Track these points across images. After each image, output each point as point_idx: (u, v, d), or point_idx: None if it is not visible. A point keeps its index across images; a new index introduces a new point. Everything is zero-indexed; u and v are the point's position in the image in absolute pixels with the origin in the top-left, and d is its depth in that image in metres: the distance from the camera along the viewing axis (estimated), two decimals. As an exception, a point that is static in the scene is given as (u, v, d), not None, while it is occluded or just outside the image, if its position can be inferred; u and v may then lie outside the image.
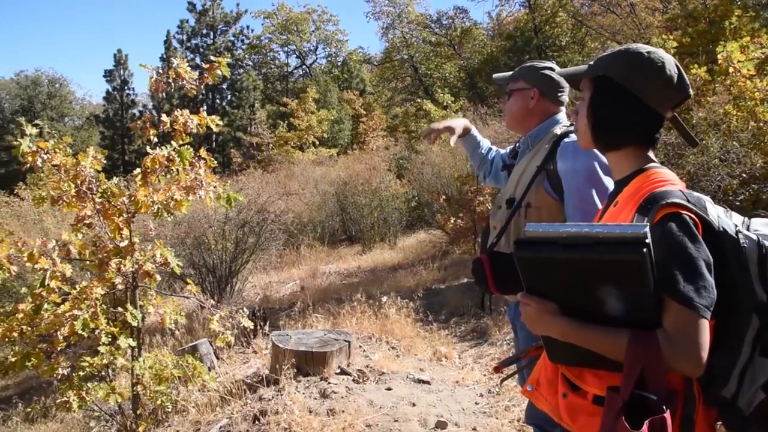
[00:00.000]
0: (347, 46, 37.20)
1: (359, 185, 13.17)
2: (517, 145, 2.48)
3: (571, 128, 2.20)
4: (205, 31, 33.26)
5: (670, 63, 1.42)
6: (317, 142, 23.47)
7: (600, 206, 1.80)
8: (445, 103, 16.56)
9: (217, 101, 32.63)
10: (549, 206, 2.12)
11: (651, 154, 1.47)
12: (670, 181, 1.38)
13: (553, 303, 1.33)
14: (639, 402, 1.20)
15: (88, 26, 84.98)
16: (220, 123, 3.91)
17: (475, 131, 2.76)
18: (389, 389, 4.26)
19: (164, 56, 32.57)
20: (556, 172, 2.11)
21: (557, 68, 2.10)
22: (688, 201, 1.29)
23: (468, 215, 9.90)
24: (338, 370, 4.48)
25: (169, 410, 4.32)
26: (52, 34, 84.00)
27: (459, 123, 2.70)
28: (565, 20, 25.08)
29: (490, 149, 2.75)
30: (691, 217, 1.26)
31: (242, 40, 34.63)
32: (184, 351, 5.04)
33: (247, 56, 35.70)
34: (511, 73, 2.40)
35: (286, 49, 37.17)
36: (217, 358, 5.40)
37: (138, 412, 4.22)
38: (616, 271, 1.23)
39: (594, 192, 1.99)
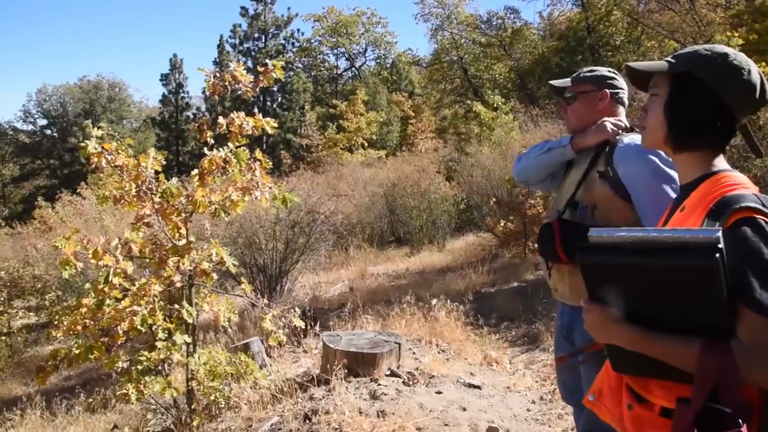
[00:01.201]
0: (396, 48, 37.34)
1: (408, 187, 13.17)
2: None
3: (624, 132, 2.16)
4: (257, 35, 33.89)
5: (755, 68, 1.37)
6: (366, 144, 23.61)
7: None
8: (495, 105, 16.39)
9: (268, 103, 33.20)
10: (616, 207, 2.08)
11: (721, 158, 1.41)
12: (742, 185, 1.32)
13: (616, 310, 1.29)
14: (711, 415, 1.14)
15: (146, 32, 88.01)
16: (275, 125, 3.96)
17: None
18: (439, 393, 4.22)
19: (217, 60, 33.38)
20: (616, 174, 2.07)
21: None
22: (764, 205, 1.23)
23: (518, 218, 9.76)
24: (388, 372, 4.48)
25: (222, 406, 4.41)
26: (113, 41, 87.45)
27: None
28: (620, 18, 24.41)
29: None
30: (766, 222, 1.20)
31: (293, 44, 35.13)
32: (236, 348, 5.13)
33: (297, 59, 36.22)
34: (569, 78, 2.39)
35: (335, 51, 37.58)
36: (268, 356, 5.48)
37: (192, 407, 4.32)
38: (686, 278, 1.18)
39: (666, 187, 1.93)
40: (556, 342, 2.50)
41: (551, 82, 2.50)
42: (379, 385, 4.26)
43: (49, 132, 43.69)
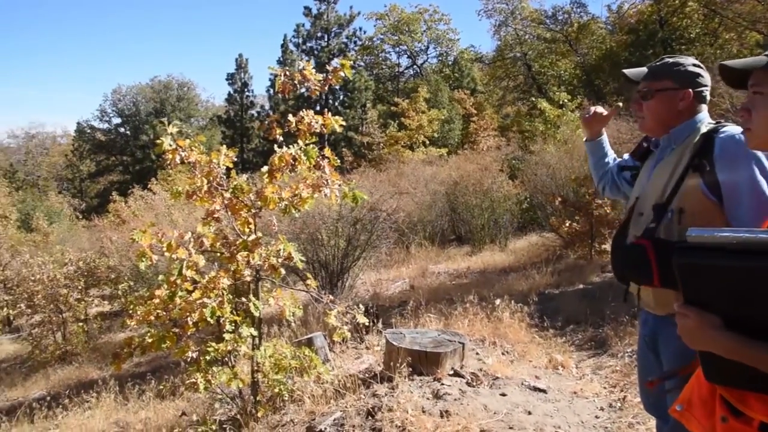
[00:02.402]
0: (458, 45, 37.07)
1: (470, 185, 13.03)
2: (646, 144, 2.29)
3: (717, 125, 2.01)
4: (319, 34, 34.40)
5: None
6: (427, 142, 23.54)
7: None
8: (560, 102, 15.98)
9: (330, 101, 33.62)
10: (706, 210, 1.91)
11: None
12: None
13: (716, 316, 1.21)
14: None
15: (213, 34, 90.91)
16: (343, 123, 3.99)
17: (605, 137, 2.57)
18: (503, 395, 4.15)
19: (281, 59, 34.08)
20: (713, 172, 1.90)
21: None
22: None
23: (585, 219, 9.49)
24: (451, 372, 4.43)
25: (286, 399, 4.48)
26: (182, 42, 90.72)
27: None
28: (696, 9, 23.27)
29: (613, 159, 2.57)
30: None
31: (355, 42, 35.49)
32: (300, 343, 5.20)
33: (359, 57, 36.51)
34: (646, 69, 2.16)
35: (397, 49, 37.66)
36: (331, 351, 5.53)
37: (257, 398, 4.42)
38: None
39: None
40: (640, 351, 2.36)
41: (625, 71, 2.24)
42: (442, 384, 4.22)
43: (122, 130, 45.82)
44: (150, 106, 44.29)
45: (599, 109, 2.52)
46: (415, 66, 38.32)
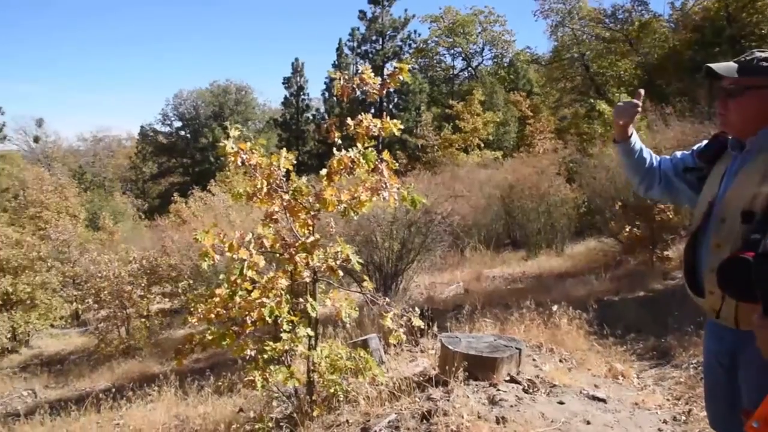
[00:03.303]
0: (514, 47, 36.61)
1: (526, 189, 12.85)
2: (718, 145, 2.16)
3: None
4: (374, 38, 34.56)
5: None
6: (482, 145, 23.33)
7: None
8: (620, 103, 15.53)
9: (385, 104, 33.76)
10: None
11: None
12: None
13: None
14: None
15: (269, 38, 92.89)
16: (401, 127, 4.00)
17: (635, 134, 2.42)
18: (561, 403, 4.06)
19: (336, 63, 34.47)
20: None
21: None
22: None
23: (646, 224, 9.20)
24: (507, 378, 4.37)
25: (341, 399, 4.51)
26: (240, 47, 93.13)
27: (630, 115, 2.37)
28: (768, 5, 22.13)
29: (652, 156, 2.41)
30: None
31: (409, 45, 35.46)
32: (355, 344, 5.23)
33: (413, 60, 36.52)
34: (734, 64, 1.99)
35: (452, 51, 37.50)
36: (385, 353, 5.54)
37: (313, 398, 4.47)
38: None
39: None
40: (709, 368, 2.22)
41: (711, 65, 2.02)
42: (498, 390, 4.17)
43: (183, 133, 47.40)
44: (209, 109, 45.66)
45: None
46: (470, 68, 38.07)
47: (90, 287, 13.43)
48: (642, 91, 2.40)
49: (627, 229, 9.28)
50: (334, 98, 34.53)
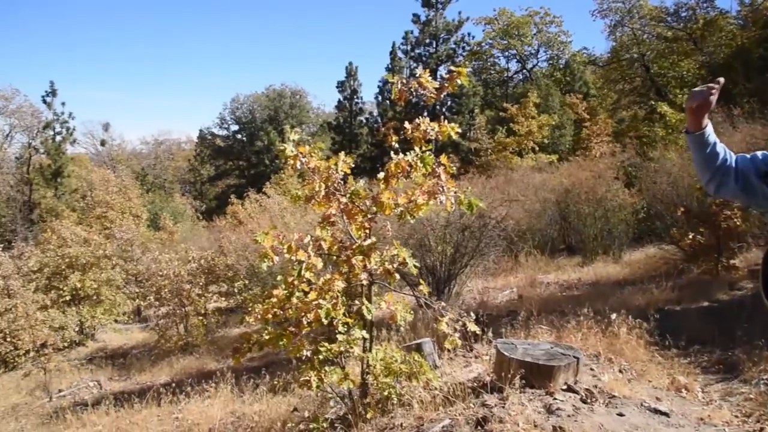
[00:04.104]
0: (570, 48, 35.81)
1: (582, 194, 12.56)
2: None
3: None
4: (428, 41, 34.53)
5: None
6: (537, 148, 22.96)
7: None
8: (683, 105, 15.00)
9: (438, 107, 33.66)
10: None
11: None
12: None
13: None
14: None
15: (323, 42, 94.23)
16: (459, 131, 3.98)
17: (710, 126, 2.26)
18: (621, 415, 3.95)
19: (390, 66, 34.60)
20: None
21: None
22: None
23: (710, 231, 8.83)
24: (564, 387, 4.28)
25: (394, 402, 4.52)
26: (294, 51, 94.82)
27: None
28: None
29: (727, 152, 2.26)
30: None
31: (463, 48, 35.29)
32: (409, 348, 5.24)
33: (467, 63, 36.27)
34: None
35: (506, 53, 37.05)
36: (439, 358, 5.53)
37: (366, 400, 4.49)
38: None
39: None
40: None
41: None
42: (555, 399, 4.09)
43: (239, 136, 48.53)
44: (265, 113, 46.63)
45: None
46: (524, 70, 37.52)
47: (151, 285, 13.93)
48: (722, 80, 2.24)
49: (690, 236, 8.93)
50: (387, 102, 34.69)
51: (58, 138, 31.95)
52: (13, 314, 12.21)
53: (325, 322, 4.18)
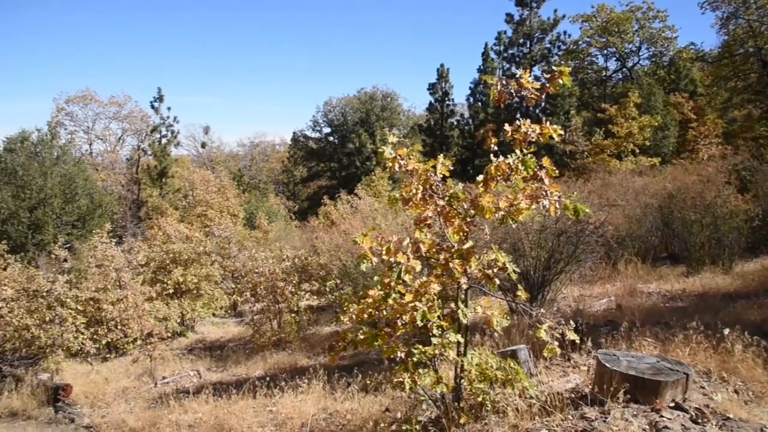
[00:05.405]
0: (675, 44, 33.81)
1: (689, 199, 11.80)
2: None
3: None
4: (521, 41, 33.78)
5: None
6: (637, 151, 21.85)
7: None
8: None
9: (531, 109, 32.87)
10: None
11: None
12: None
13: None
14: None
15: (414, 43, 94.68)
16: (561, 133, 3.85)
17: None
18: (737, 438, 3.66)
19: (482, 67, 34.17)
20: None
21: None
22: None
23: (839, 241, 8.03)
24: (672, 404, 4.03)
25: (488, 409, 4.44)
26: (386, 54, 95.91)
27: None
28: None
29: None
30: None
31: (558, 47, 34.19)
32: (504, 354, 5.13)
33: (563, 62, 35.12)
34: None
35: (604, 52, 35.58)
36: (534, 366, 5.37)
37: (460, 405, 4.44)
38: None
39: None
40: None
41: None
42: (662, 416, 3.86)
43: (331, 138, 49.62)
44: (356, 116, 47.40)
45: None
46: (624, 69, 35.87)
47: (247, 282, 14.50)
48: None
49: (814, 247, 8.17)
50: (479, 103, 34.26)
51: (164, 141, 34.05)
52: (123, 304, 13.11)
53: (420, 324, 4.17)
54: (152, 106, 34.71)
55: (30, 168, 21.90)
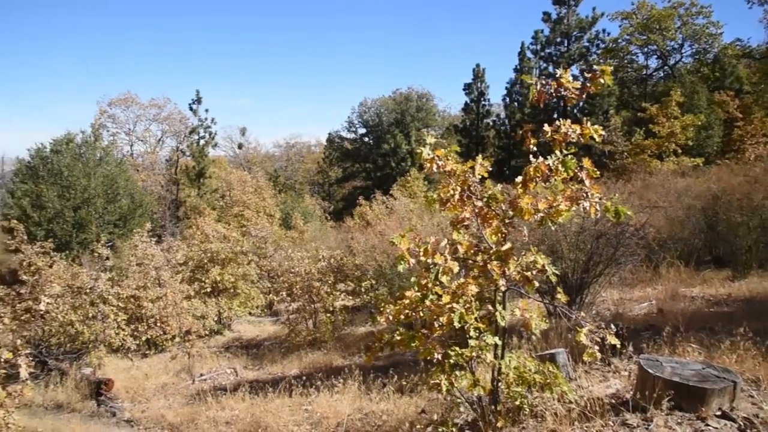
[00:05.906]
0: (720, 41, 32.78)
1: (735, 201, 11.43)
2: None
3: None
4: (559, 40, 33.30)
5: None
6: (679, 151, 21.28)
7: None
8: None
9: (569, 108, 32.37)
10: None
11: None
12: None
13: None
14: None
15: (450, 43, 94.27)
16: (603, 133, 3.77)
17: None
18: (789, 450, 3.52)
19: (518, 67, 33.81)
20: None
21: None
22: None
23: None
24: (719, 413, 3.90)
25: (526, 413, 4.37)
26: (421, 54, 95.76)
27: None
28: None
29: None
30: None
31: (597, 45, 33.56)
32: (542, 358, 5.05)
33: (602, 61, 34.45)
34: None
35: (645, 49, 34.76)
36: (573, 370, 5.28)
37: (497, 408, 4.39)
38: None
39: None
40: None
41: None
42: (707, 425, 3.74)
43: (366, 139, 49.76)
44: (391, 116, 47.41)
45: None
46: (666, 67, 34.99)
47: (283, 281, 14.65)
48: None
49: None
50: (515, 104, 33.88)
51: (202, 142, 34.65)
52: (163, 302, 13.40)
53: (457, 326, 4.14)
54: (191, 108, 35.40)
55: (75, 169, 22.57)
